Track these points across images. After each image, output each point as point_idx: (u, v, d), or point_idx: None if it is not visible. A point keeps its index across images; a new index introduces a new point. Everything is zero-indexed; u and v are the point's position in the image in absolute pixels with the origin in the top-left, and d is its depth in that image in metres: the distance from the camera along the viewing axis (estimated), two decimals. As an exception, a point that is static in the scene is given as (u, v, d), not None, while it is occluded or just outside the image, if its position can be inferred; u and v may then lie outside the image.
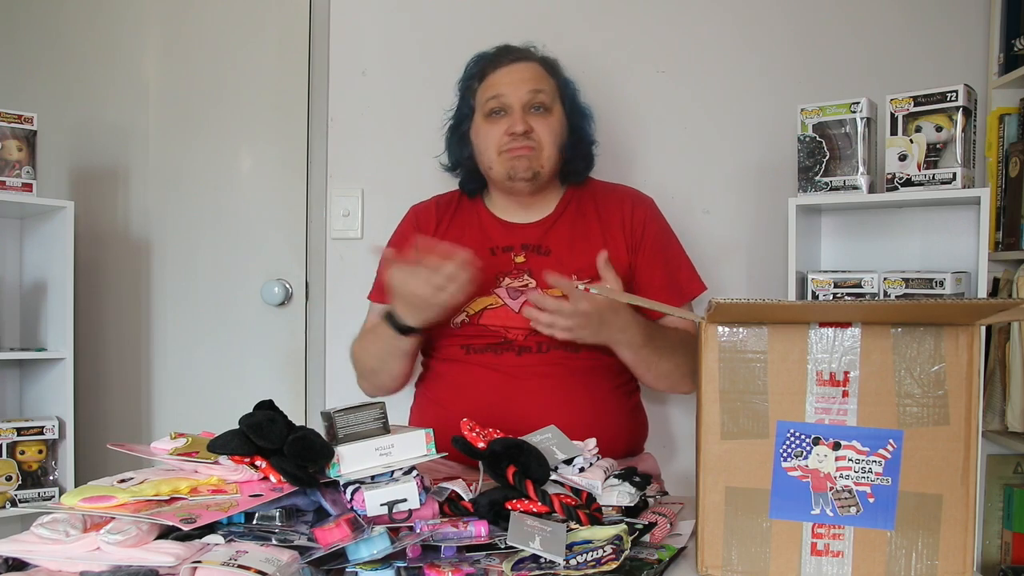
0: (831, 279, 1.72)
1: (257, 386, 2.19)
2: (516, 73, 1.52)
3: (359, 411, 1.01)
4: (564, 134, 1.54)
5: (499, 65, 1.53)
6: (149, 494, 0.91)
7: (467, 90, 1.58)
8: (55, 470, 2.00)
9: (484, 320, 1.46)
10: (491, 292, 1.47)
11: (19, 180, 1.95)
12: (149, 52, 2.31)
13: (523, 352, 1.44)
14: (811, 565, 0.91)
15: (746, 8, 2.02)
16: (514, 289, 1.48)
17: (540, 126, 1.50)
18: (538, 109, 1.51)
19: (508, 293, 1.47)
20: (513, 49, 1.57)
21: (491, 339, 1.45)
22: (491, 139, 1.51)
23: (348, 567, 0.89)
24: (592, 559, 0.89)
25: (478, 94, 1.55)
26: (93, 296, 2.27)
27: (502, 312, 1.46)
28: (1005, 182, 1.81)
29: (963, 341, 0.89)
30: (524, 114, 1.49)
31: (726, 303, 0.85)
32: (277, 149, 2.22)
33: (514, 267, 1.51)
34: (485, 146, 1.52)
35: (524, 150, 1.48)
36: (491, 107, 1.51)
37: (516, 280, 1.49)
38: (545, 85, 1.53)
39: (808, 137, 1.71)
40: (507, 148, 1.49)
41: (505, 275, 1.49)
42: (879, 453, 0.90)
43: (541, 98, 1.51)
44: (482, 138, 1.53)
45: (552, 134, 1.51)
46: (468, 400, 1.42)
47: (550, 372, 1.43)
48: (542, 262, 1.50)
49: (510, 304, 1.46)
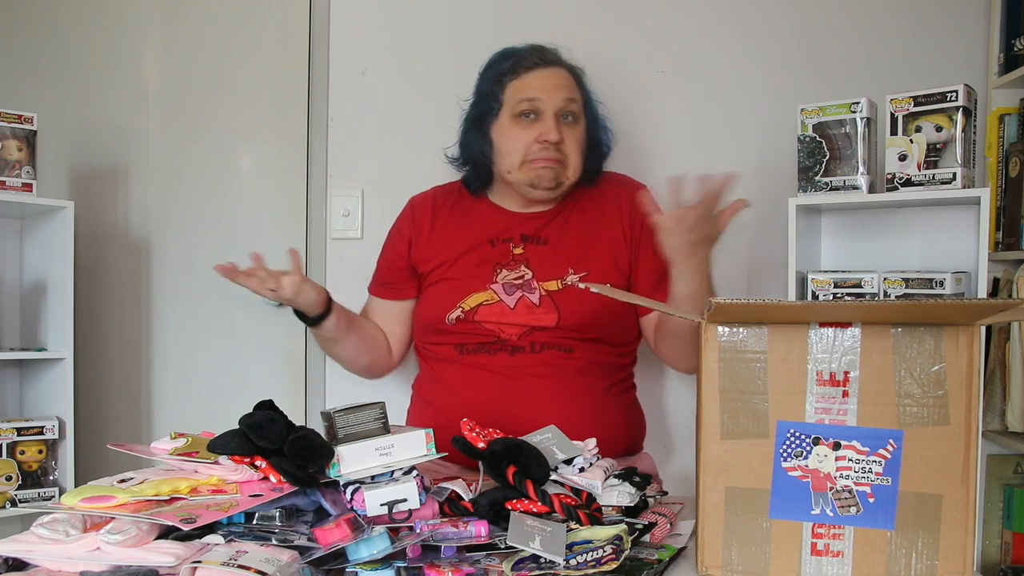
0: (831, 279, 1.72)
1: (257, 386, 2.19)
2: (552, 78, 1.49)
3: (359, 411, 1.01)
4: (586, 145, 1.53)
5: (533, 66, 1.50)
6: (149, 494, 0.91)
7: (496, 85, 1.52)
8: (55, 470, 2.00)
9: (479, 316, 1.46)
10: (487, 288, 1.47)
11: (19, 180, 1.94)
12: (149, 52, 2.31)
13: (516, 352, 1.44)
14: (811, 565, 0.91)
15: (746, 8, 2.02)
16: (510, 284, 1.47)
17: (569, 137, 1.48)
18: (567, 118, 1.49)
19: (504, 289, 1.47)
20: (546, 51, 1.54)
21: (484, 338, 1.45)
22: (519, 143, 1.47)
23: (348, 567, 0.89)
24: (592, 559, 0.89)
25: (508, 91, 1.50)
26: (93, 296, 2.27)
27: (497, 308, 1.46)
28: (1005, 182, 1.81)
29: (963, 341, 0.89)
30: (557, 122, 1.47)
31: (726, 303, 0.85)
32: (277, 149, 2.22)
33: (512, 258, 1.50)
34: (511, 149, 1.48)
35: (552, 162, 1.46)
36: (523, 109, 1.47)
37: (513, 272, 1.49)
38: (575, 94, 1.51)
39: (808, 137, 1.71)
40: (536, 157, 1.46)
41: (503, 267, 1.49)
42: (879, 453, 0.90)
43: (573, 107, 1.49)
44: (508, 139, 1.49)
45: (578, 144, 1.50)
46: (463, 402, 1.42)
47: (544, 372, 1.43)
48: (540, 252, 1.50)
49: (505, 300, 1.46)
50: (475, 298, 1.46)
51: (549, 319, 1.45)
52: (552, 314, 1.45)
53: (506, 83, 1.51)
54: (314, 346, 2.19)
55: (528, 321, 1.45)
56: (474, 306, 1.46)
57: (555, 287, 1.47)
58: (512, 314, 1.45)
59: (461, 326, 1.47)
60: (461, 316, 1.46)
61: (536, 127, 1.46)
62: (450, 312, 1.47)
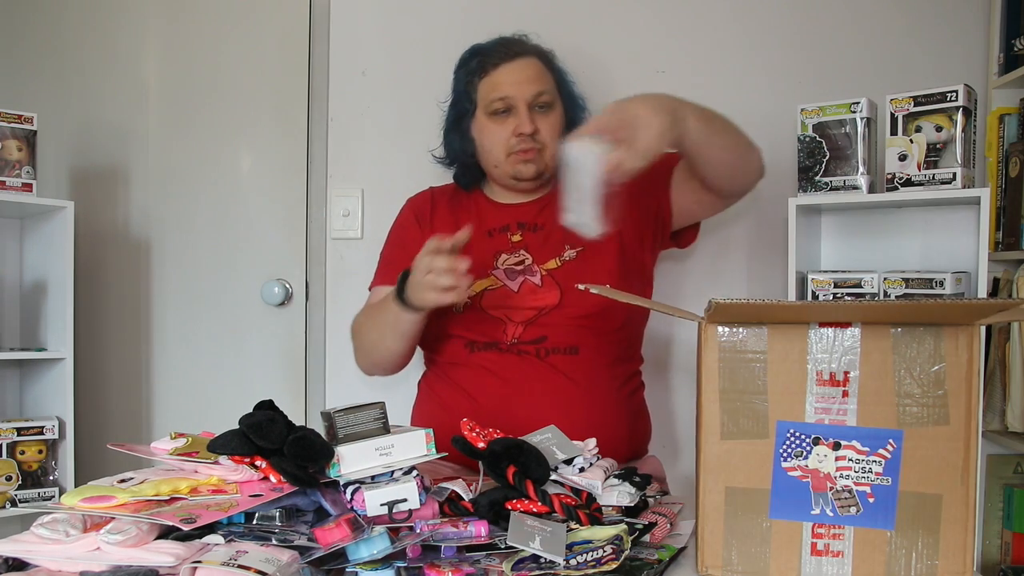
0: (831, 279, 1.72)
1: (257, 386, 2.19)
2: (519, 71, 1.52)
3: (359, 411, 1.01)
4: (562, 127, 1.54)
5: (500, 61, 1.52)
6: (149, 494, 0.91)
7: (468, 85, 1.55)
8: (55, 470, 2.00)
9: (485, 303, 1.46)
10: (489, 274, 1.49)
11: (19, 180, 1.94)
12: (149, 52, 2.31)
13: (523, 355, 1.44)
14: (811, 565, 0.91)
15: (746, 8, 2.02)
16: (512, 269, 1.48)
17: (544, 125, 1.50)
18: (542, 108, 1.51)
19: (506, 274, 1.48)
20: (511, 42, 1.56)
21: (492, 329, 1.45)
22: (498, 139, 1.51)
23: (348, 567, 0.89)
24: (592, 559, 0.89)
25: (480, 90, 1.54)
26: (93, 296, 2.27)
27: (501, 293, 1.47)
28: (1005, 182, 1.81)
29: (963, 341, 0.89)
30: (530, 113, 1.49)
31: (726, 303, 0.85)
32: (277, 149, 2.22)
33: (510, 245, 1.52)
34: (491, 145, 1.52)
35: (531, 153, 1.49)
36: (496, 107, 1.51)
37: (512, 255, 1.50)
38: (546, 83, 1.53)
39: (808, 137, 1.71)
40: (516, 150, 1.49)
41: (502, 252, 1.51)
42: (879, 453, 0.90)
43: (544, 97, 1.51)
44: (487, 137, 1.53)
45: (555, 131, 1.51)
46: (472, 403, 1.43)
47: (551, 376, 1.43)
48: (537, 238, 1.51)
49: (509, 285, 1.47)
50: (479, 284, 1.47)
51: (552, 297, 1.46)
52: (554, 291, 1.46)
53: (476, 82, 1.54)
54: (314, 346, 2.19)
55: (533, 303, 1.46)
56: (479, 291, 1.47)
57: (554, 265, 1.49)
58: (516, 297, 1.46)
59: (469, 315, 1.47)
60: (468, 302, 1.46)
61: (510, 121, 1.50)
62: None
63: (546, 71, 1.55)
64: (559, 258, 1.49)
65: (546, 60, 1.57)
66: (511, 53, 1.53)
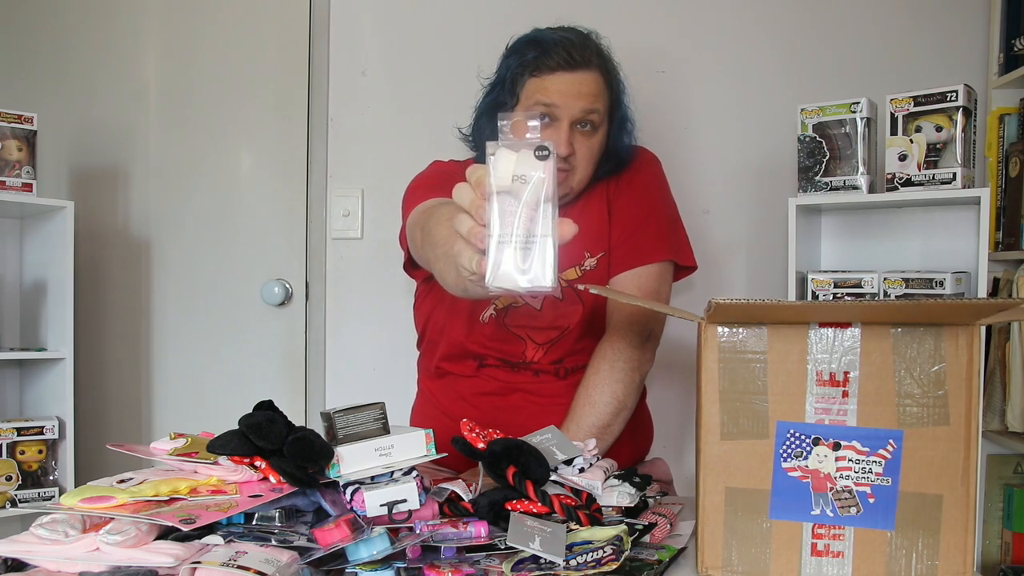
0: (831, 279, 1.71)
1: (257, 386, 2.19)
2: (576, 84, 1.34)
3: (359, 411, 1.01)
4: (602, 150, 1.42)
5: (558, 67, 1.35)
6: (148, 494, 0.90)
7: (515, 76, 1.39)
8: (55, 470, 2.00)
9: (509, 320, 1.41)
10: None
11: (19, 180, 1.94)
12: (149, 52, 2.31)
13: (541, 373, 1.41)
14: (811, 566, 0.91)
15: (746, 8, 2.02)
16: None
17: (582, 147, 1.37)
18: (585, 126, 1.36)
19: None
20: (577, 47, 1.37)
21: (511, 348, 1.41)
22: None
23: (348, 568, 0.89)
24: (592, 560, 0.89)
25: (526, 88, 1.37)
26: (93, 296, 2.26)
27: (525, 312, 1.41)
28: (1005, 182, 1.81)
29: (963, 341, 0.89)
30: (570, 131, 1.35)
31: (726, 303, 0.85)
32: (277, 149, 2.22)
33: None
34: None
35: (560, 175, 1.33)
36: (537, 112, 1.35)
37: None
38: (600, 103, 1.37)
39: (808, 137, 1.71)
40: None
41: None
42: (879, 453, 0.90)
43: (593, 117, 1.36)
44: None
45: (591, 154, 1.39)
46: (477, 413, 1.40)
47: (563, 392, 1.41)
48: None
49: (531, 303, 1.42)
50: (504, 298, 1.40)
51: (575, 313, 1.40)
52: (577, 306, 1.41)
53: (526, 78, 1.38)
54: (314, 346, 2.19)
55: (556, 322, 1.41)
56: (504, 306, 1.41)
57: (574, 275, 1.43)
58: (540, 317, 1.40)
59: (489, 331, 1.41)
60: (493, 314, 1.41)
61: (547, 133, 1.34)
62: (484, 312, 1.41)
63: (605, 89, 1.38)
64: (579, 267, 1.43)
65: (609, 76, 1.40)
66: (573, 62, 1.35)
